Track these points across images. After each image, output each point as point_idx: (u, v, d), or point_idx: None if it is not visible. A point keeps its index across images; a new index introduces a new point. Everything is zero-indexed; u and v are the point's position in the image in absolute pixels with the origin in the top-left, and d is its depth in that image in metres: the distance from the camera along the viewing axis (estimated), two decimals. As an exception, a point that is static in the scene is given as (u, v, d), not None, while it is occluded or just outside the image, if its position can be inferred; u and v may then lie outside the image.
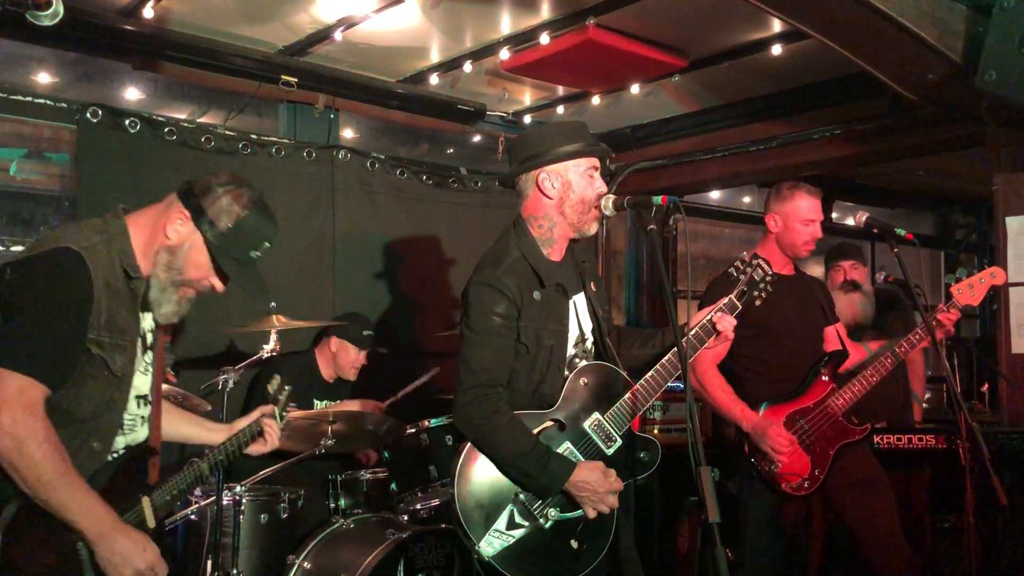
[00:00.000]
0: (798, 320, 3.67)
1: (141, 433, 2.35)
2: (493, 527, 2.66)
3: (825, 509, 3.78)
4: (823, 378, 3.60)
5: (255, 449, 2.77)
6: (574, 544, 2.73)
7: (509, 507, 2.68)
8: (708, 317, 2.90)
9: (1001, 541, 4.15)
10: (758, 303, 2.96)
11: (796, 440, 3.49)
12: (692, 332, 2.89)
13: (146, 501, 2.27)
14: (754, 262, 2.94)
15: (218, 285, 2.35)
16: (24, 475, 1.98)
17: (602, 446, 2.79)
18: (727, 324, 2.89)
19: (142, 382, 2.33)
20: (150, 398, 2.38)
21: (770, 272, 2.93)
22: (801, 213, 3.63)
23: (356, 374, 4.60)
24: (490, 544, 2.64)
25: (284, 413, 2.88)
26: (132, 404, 2.29)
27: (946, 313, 3.59)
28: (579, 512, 2.73)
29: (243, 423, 2.74)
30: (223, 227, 2.29)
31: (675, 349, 2.80)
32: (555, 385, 2.80)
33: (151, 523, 2.27)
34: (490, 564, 2.63)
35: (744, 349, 3.61)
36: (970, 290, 3.58)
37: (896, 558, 3.56)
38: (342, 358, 4.55)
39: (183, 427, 2.71)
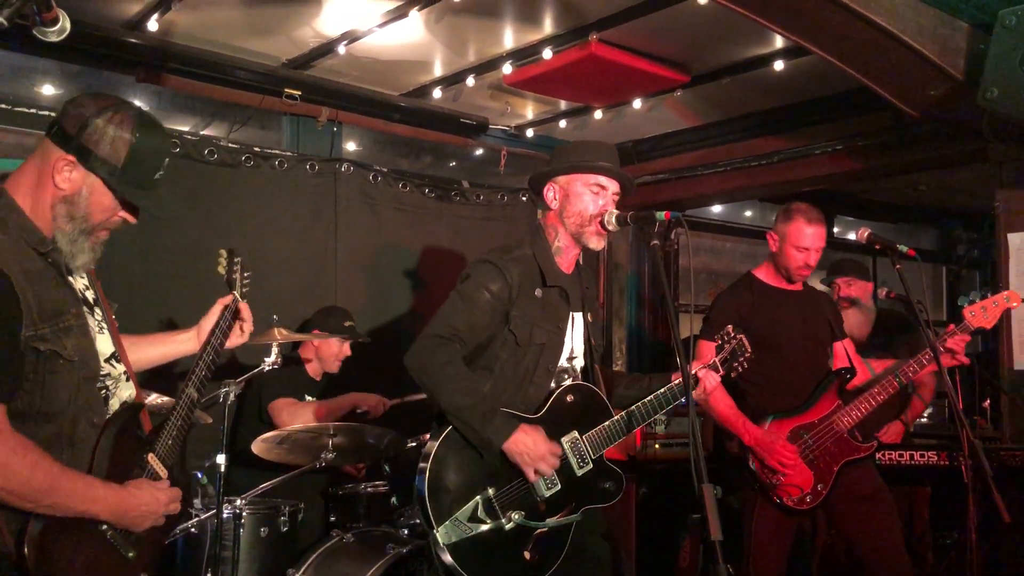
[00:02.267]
0: (803, 335, 3.67)
1: (126, 390, 2.26)
2: (455, 515, 2.70)
3: (828, 525, 3.77)
4: (830, 394, 3.60)
5: (234, 343, 2.60)
6: (527, 555, 2.75)
7: (476, 499, 2.73)
8: (695, 372, 2.96)
9: (1003, 558, 4.13)
10: (733, 375, 3.05)
11: (799, 454, 3.49)
12: (667, 387, 2.94)
13: (151, 458, 2.22)
14: (736, 337, 3.01)
15: (130, 218, 2.18)
16: (20, 493, 1.93)
17: (574, 464, 2.83)
18: (712, 381, 2.99)
19: (103, 343, 2.21)
20: (117, 353, 2.26)
21: (749, 350, 3.02)
22: (797, 239, 3.63)
23: (339, 366, 4.56)
24: (447, 532, 2.68)
25: (244, 290, 2.64)
26: (106, 368, 2.19)
27: (955, 336, 3.54)
28: (541, 524, 2.77)
29: (210, 322, 2.55)
30: (118, 162, 2.06)
31: (668, 385, 2.91)
32: (542, 386, 2.87)
33: (163, 475, 2.23)
34: (443, 552, 2.66)
35: (749, 365, 3.62)
36: (983, 313, 3.53)
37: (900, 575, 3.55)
38: (325, 351, 4.51)
39: (149, 350, 2.57)
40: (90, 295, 2.23)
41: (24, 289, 1.94)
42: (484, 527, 2.72)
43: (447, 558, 2.66)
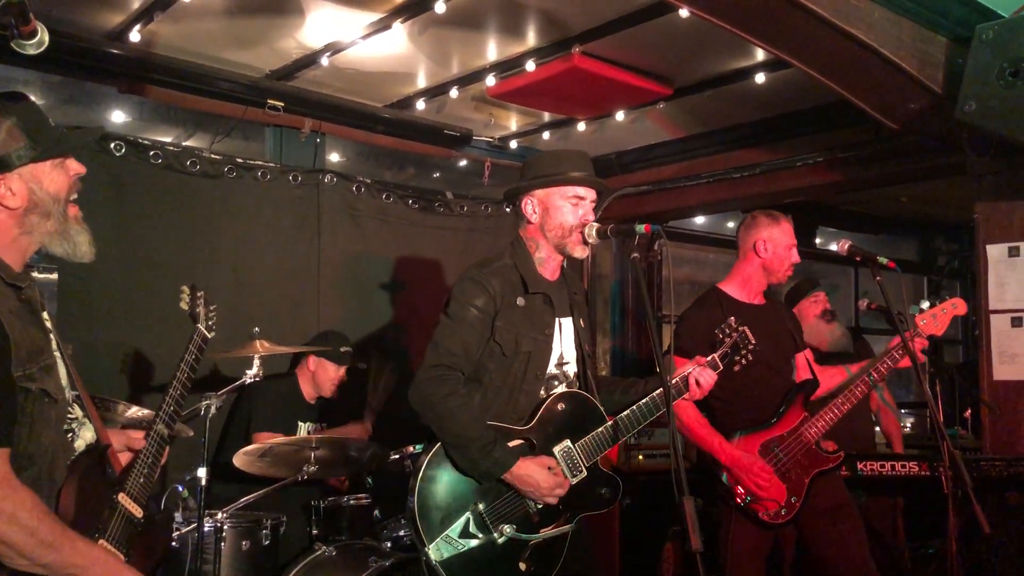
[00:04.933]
0: (770, 349, 3.67)
1: (88, 431, 2.21)
2: (446, 532, 2.70)
3: (797, 538, 3.78)
4: (796, 406, 3.62)
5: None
6: (522, 567, 2.75)
7: (466, 515, 2.73)
8: (689, 371, 2.96)
9: (984, 568, 4.15)
10: (737, 368, 3.04)
11: (773, 470, 3.50)
12: (672, 382, 2.94)
13: (123, 497, 2.17)
14: (740, 329, 3.01)
15: (78, 168, 2.19)
16: (21, 544, 1.86)
17: (567, 473, 2.82)
18: (708, 378, 2.97)
19: (64, 380, 2.15)
20: (80, 394, 2.21)
21: (753, 341, 3.02)
22: (791, 236, 3.74)
23: (335, 391, 4.56)
24: (439, 549, 2.67)
25: (211, 323, 2.66)
26: (70, 410, 2.14)
27: (912, 341, 3.58)
28: (534, 535, 2.76)
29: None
30: (25, 141, 2.04)
31: (657, 391, 2.90)
32: (533, 394, 2.88)
33: (138, 514, 2.18)
34: (436, 568, 2.66)
35: (718, 379, 3.63)
36: (934, 320, 3.61)
37: None
38: (320, 376, 4.52)
39: None
40: (51, 331, 2.16)
41: (12, 327, 1.92)
42: (476, 542, 2.71)
43: (440, 575, 2.65)
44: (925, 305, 3.65)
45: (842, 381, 3.79)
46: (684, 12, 3.73)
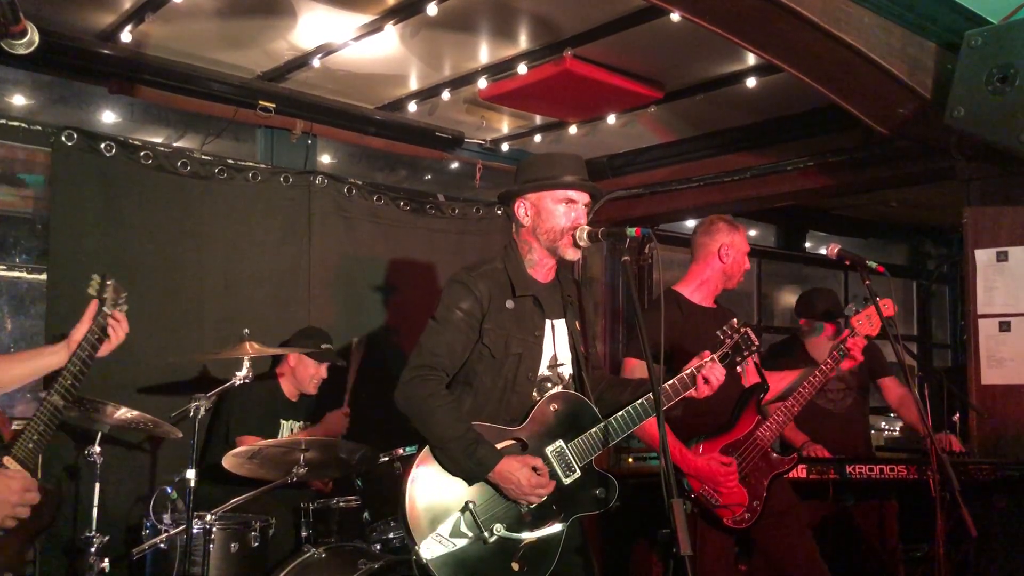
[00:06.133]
0: None
1: None
2: (437, 531, 2.70)
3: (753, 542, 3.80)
4: (750, 410, 3.63)
5: (104, 350, 2.66)
6: (515, 566, 2.75)
7: (457, 515, 2.74)
8: (690, 369, 2.95)
9: (971, 571, 4.17)
10: (739, 369, 3.03)
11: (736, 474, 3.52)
12: (670, 382, 2.93)
13: (8, 460, 2.23)
14: (742, 330, 2.99)
15: None
16: None
17: (560, 474, 2.83)
18: (718, 374, 2.93)
19: None
20: None
21: (756, 343, 3.00)
22: (746, 245, 3.88)
23: (316, 388, 4.55)
24: (430, 548, 2.68)
25: (121, 306, 2.73)
26: None
27: (852, 339, 3.62)
28: (525, 534, 2.76)
29: (80, 332, 2.61)
30: None
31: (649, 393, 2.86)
32: (525, 396, 2.88)
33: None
34: (427, 567, 2.66)
35: None
36: (868, 320, 3.61)
37: None
38: (301, 372, 4.51)
39: (16, 368, 2.59)
40: None
41: None
42: (467, 541, 2.72)
43: (431, 574, 2.66)
44: (859, 306, 3.67)
45: (791, 382, 3.81)
46: (675, 16, 3.75)
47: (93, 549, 3.56)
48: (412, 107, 5.39)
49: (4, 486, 2.13)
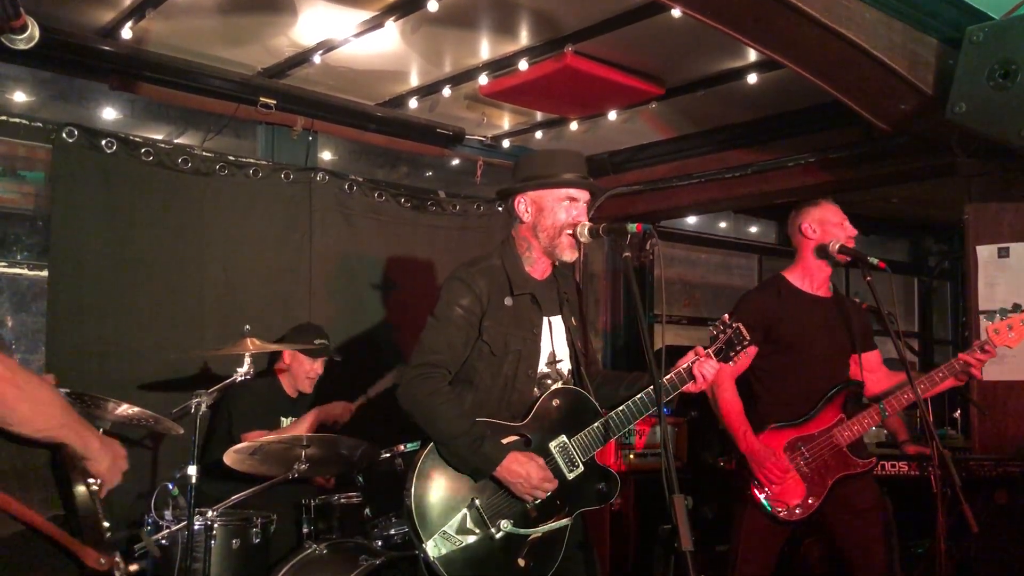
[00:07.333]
0: (824, 345, 3.64)
1: None
2: (443, 528, 2.70)
3: (827, 536, 3.77)
4: (833, 407, 3.58)
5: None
6: (521, 562, 2.76)
7: (463, 511, 2.74)
8: (687, 364, 2.94)
9: (972, 567, 4.17)
10: (733, 363, 3.01)
11: (793, 469, 3.49)
12: (667, 377, 2.92)
13: None
14: (734, 325, 2.97)
15: None
16: None
17: (564, 469, 2.83)
18: (709, 370, 2.91)
19: None
20: None
21: (747, 337, 2.96)
22: (836, 214, 3.77)
23: (312, 385, 4.54)
24: (437, 545, 2.68)
25: None
26: None
27: (977, 354, 3.47)
28: (532, 530, 2.77)
29: None
30: None
31: (651, 386, 2.85)
32: (525, 393, 2.88)
33: None
34: (434, 565, 2.67)
35: (764, 363, 3.63)
36: (1009, 331, 3.43)
37: None
38: (296, 369, 4.50)
39: None
40: None
41: None
42: (473, 538, 2.72)
43: (438, 572, 2.66)
44: (1003, 313, 3.49)
45: (891, 386, 3.69)
46: (676, 12, 3.74)
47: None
48: (413, 103, 5.38)
49: (116, 449, 2.14)
